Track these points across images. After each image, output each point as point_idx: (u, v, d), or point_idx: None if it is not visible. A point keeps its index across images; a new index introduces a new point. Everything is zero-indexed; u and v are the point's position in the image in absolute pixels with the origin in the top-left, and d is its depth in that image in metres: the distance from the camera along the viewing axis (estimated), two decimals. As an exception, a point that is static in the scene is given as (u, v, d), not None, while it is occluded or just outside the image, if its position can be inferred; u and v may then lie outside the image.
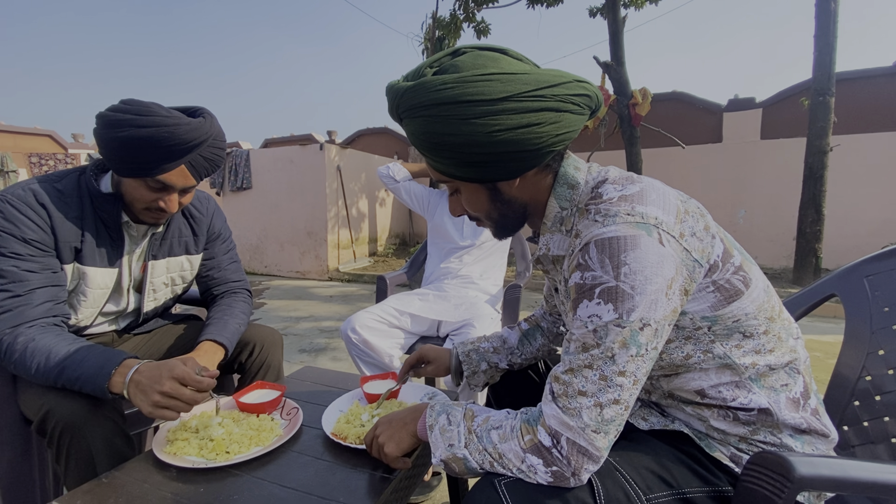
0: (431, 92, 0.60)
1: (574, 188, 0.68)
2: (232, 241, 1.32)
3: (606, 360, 0.56)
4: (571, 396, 0.57)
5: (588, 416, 0.56)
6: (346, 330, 1.52)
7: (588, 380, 0.57)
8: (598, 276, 0.57)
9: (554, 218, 0.70)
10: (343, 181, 6.72)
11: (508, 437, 0.61)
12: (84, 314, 1.04)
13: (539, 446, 0.58)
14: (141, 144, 0.88)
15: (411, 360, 1.01)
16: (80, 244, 0.98)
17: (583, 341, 0.58)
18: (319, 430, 0.91)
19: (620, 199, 0.60)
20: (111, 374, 0.82)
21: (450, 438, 0.65)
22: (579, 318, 0.58)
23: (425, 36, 6.84)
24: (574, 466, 0.56)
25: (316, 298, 5.10)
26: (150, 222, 1.03)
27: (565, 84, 0.62)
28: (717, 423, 0.65)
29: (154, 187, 0.95)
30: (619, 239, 0.56)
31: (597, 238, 0.58)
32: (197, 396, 0.82)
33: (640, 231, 0.56)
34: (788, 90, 6.52)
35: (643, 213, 0.58)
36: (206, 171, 1.00)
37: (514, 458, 0.59)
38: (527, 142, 0.61)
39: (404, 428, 0.74)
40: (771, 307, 0.65)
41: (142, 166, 0.91)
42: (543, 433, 0.58)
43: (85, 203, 0.99)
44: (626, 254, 0.55)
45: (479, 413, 0.67)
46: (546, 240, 0.72)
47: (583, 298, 0.58)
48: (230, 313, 1.19)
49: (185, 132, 0.90)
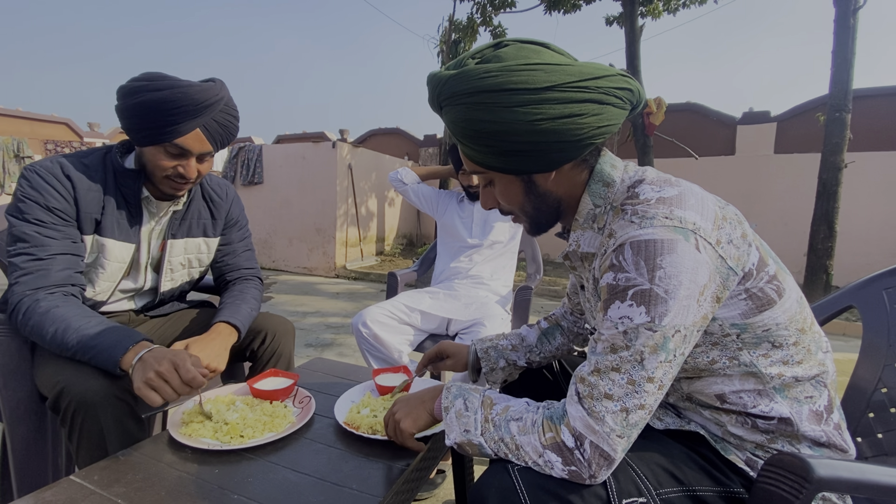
0: (475, 79, 0.60)
1: (609, 186, 0.67)
2: (248, 230, 1.34)
3: (635, 363, 0.56)
4: (597, 399, 0.57)
5: (613, 420, 0.56)
6: (357, 324, 1.53)
7: (615, 383, 0.56)
8: (633, 277, 0.56)
9: (587, 215, 0.69)
10: (354, 180, 6.76)
11: (528, 430, 0.61)
12: (101, 287, 1.06)
13: (561, 446, 0.58)
14: (157, 107, 0.93)
15: (430, 355, 1.02)
16: (100, 216, 1.01)
17: (612, 342, 0.57)
18: (331, 419, 0.92)
19: (658, 201, 0.59)
20: (127, 349, 0.84)
21: (465, 424, 0.65)
22: (609, 319, 0.58)
23: (441, 38, 6.88)
24: (594, 469, 0.56)
25: (322, 295, 5.12)
26: (171, 192, 1.05)
27: (609, 77, 0.62)
28: (735, 429, 0.65)
29: (172, 153, 0.99)
30: (657, 242, 0.55)
31: (633, 239, 0.57)
32: (183, 387, 0.83)
33: (678, 236, 0.55)
34: (804, 105, 6.49)
35: (682, 218, 0.57)
36: (220, 138, 1.03)
37: (532, 452, 0.59)
38: (568, 132, 0.60)
39: (422, 405, 0.75)
40: (803, 319, 0.64)
41: (159, 130, 0.95)
42: (567, 434, 0.58)
43: (108, 177, 1.03)
44: (663, 258, 0.55)
45: (497, 401, 0.67)
46: (577, 236, 0.71)
47: (615, 299, 0.57)
48: (242, 298, 1.20)
49: (196, 92, 0.95)
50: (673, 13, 5.73)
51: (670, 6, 5.65)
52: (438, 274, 1.87)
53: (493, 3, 5.83)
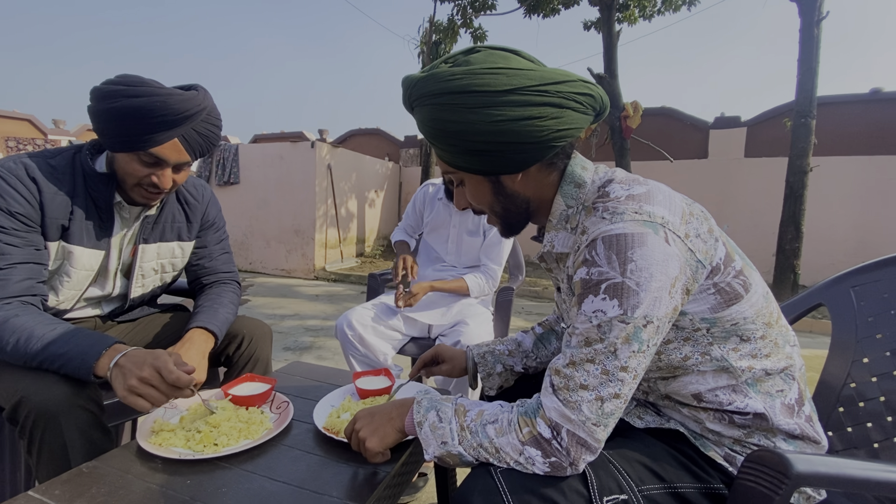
0: (441, 81, 0.63)
1: (581, 187, 0.69)
2: (225, 232, 1.30)
3: (609, 354, 0.57)
4: (573, 390, 0.58)
5: (589, 409, 0.57)
6: (342, 325, 1.50)
7: (590, 374, 0.58)
8: (605, 271, 0.57)
9: (559, 216, 0.71)
10: (333, 180, 6.68)
11: (506, 430, 0.61)
12: (65, 296, 1.01)
13: (538, 438, 0.58)
14: (133, 114, 0.87)
15: (426, 358, 1.00)
16: (67, 222, 0.95)
17: (586, 336, 0.58)
18: (310, 424, 0.90)
19: (628, 198, 0.61)
20: (101, 354, 0.80)
21: (442, 436, 0.65)
22: (584, 313, 0.59)
23: (422, 39, 6.86)
24: (573, 457, 0.57)
25: (301, 297, 5.04)
26: (142, 202, 1.01)
27: (569, 83, 0.64)
28: (713, 426, 0.66)
29: (147, 161, 0.93)
30: (627, 236, 0.57)
31: (604, 234, 0.58)
32: (172, 390, 0.80)
33: (647, 229, 0.57)
34: (772, 111, 6.73)
35: (650, 213, 0.59)
36: (200, 148, 0.98)
37: (512, 451, 0.59)
38: (528, 134, 0.62)
39: (389, 423, 0.73)
40: (769, 313, 0.66)
41: (134, 138, 0.90)
42: (543, 425, 0.59)
43: (77, 181, 0.97)
44: (633, 251, 0.56)
45: (470, 407, 0.67)
46: (551, 237, 0.73)
47: (588, 293, 0.58)
48: (220, 302, 1.16)
49: (177, 102, 0.90)
50: (648, 19, 5.88)
51: (646, 13, 5.80)
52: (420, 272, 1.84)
53: (474, 5, 5.87)
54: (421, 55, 6.83)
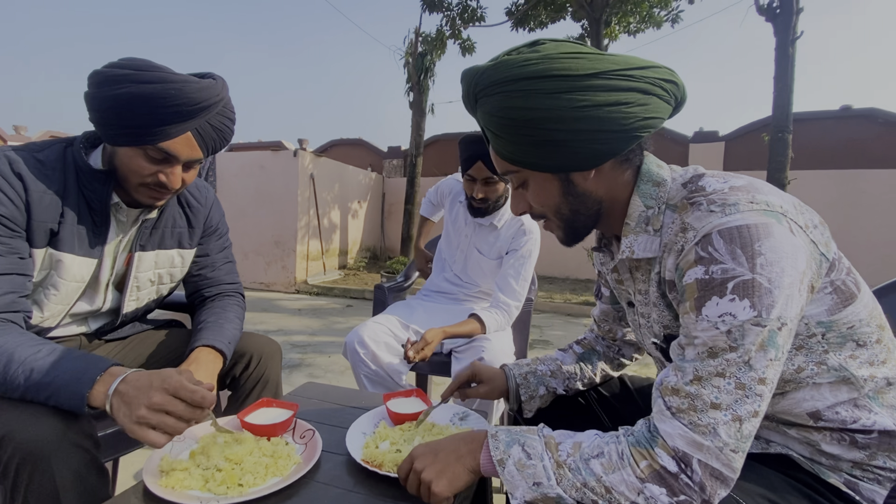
0: (515, 68, 0.58)
1: (660, 186, 0.64)
2: (228, 239, 1.17)
3: (742, 365, 0.50)
4: (702, 411, 0.50)
5: (726, 432, 0.49)
6: (352, 343, 1.37)
7: (721, 390, 0.50)
8: (730, 268, 0.50)
9: (638, 217, 0.64)
10: (316, 190, 6.51)
11: (617, 465, 0.52)
12: (50, 312, 0.87)
13: (661, 472, 0.50)
14: (143, 103, 0.76)
15: (461, 379, 0.90)
16: (57, 226, 0.82)
17: (711, 345, 0.51)
18: (343, 455, 0.78)
19: (733, 189, 0.56)
20: (94, 381, 0.66)
21: (534, 476, 0.55)
22: (706, 319, 0.52)
23: (407, 51, 6.84)
24: (708, 493, 0.49)
25: (284, 311, 4.83)
26: (147, 203, 0.88)
27: (654, 68, 0.59)
28: (830, 448, 0.59)
29: (154, 157, 0.82)
30: (750, 227, 0.51)
31: (720, 227, 0.52)
32: (192, 412, 0.67)
33: (770, 219, 0.52)
34: (749, 126, 6.97)
35: (767, 202, 0.53)
36: (213, 144, 0.87)
37: (629, 491, 0.51)
38: (613, 121, 0.57)
39: (458, 462, 0.62)
40: (879, 314, 0.61)
41: (142, 131, 0.78)
42: (665, 456, 0.51)
43: (69, 178, 0.84)
44: (761, 243, 0.50)
45: (561, 439, 0.58)
46: (629, 242, 0.65)
47: (711, 295, 0.51)
48: (225, 317, 1.04)
49: (194, 91, 0.79)
50: (633, 35, 6.03)
51: (630, 28, 5.96)
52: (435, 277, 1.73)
53: (463, 16, 5.89)
54: (406, 66, 6.80)
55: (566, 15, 5.68)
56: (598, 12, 5.45)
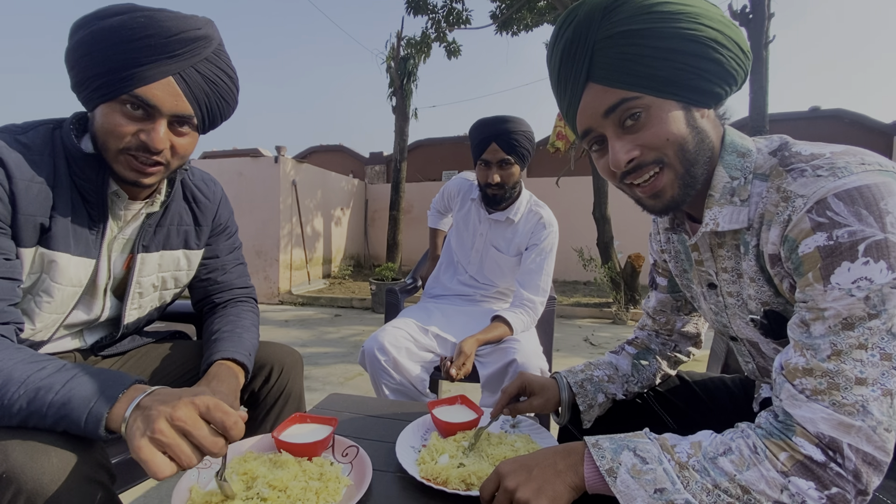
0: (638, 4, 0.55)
1: (745, 156, 0.61)
2: (238, 239, 1.06)
3: (885, 334, 0.46)
4: (846, 388, 0.46)
5: (878, 409, 0.45)
6: (371, 350, 1.27)
7: (865, 363, 0.46)
8: (858, 229, 0.47)
9: (723, 189, 0.61)
10: (298, 197, 6.34)
11: (751, 461, 0.47)
12: (43, 322, 0.75)
13: (807, 463, 0.45)
14: (111, 39, 0.65)
15: (511, 392, 0.81)
16: (48, 220, 0.70)
17: (846, 314, 0.47)
18: (395, 473, 0.70)
19: (835, 154, 0.53)
20: (116, 399, 0.55)
21: (655, 481, 0.48)
22: (837, 287, 0.47)
23: (389, 55, 6.77)
24: (865, 482, 0.44)
25: (270, 323, 4.64)
26: (131, 178, 0.73)
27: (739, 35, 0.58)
28: None
29: (132, 113, 0.69)
30: (871, 187, 0.48)
31: (837, 190, 0.49)
32: (214, 443, 0.54)
33: (888, 178, 0.48)
34: (724, 127, 7.19)
35: (878, 162, 0.51)
36: (206, 99, 0.74)
37: (770, 488, 0.45)
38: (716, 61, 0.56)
39: (558, 478, 0.54)
40: None
41: (114, 77, 0.66)
42: (809, 445, 0.46)
43: (59, 164, 0.72)
44: (886, 202, 0.47)
45: (675, 441, 0.52)
46: (714, 214, 0.61)
47: (841, 260, 0.47)
48: (241, 325, 0.93)
49: (167, 18, 0.67)
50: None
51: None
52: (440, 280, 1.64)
53: (448, 19, 5.87)
54: (388, 70, 6.72)
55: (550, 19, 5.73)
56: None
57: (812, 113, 6.68)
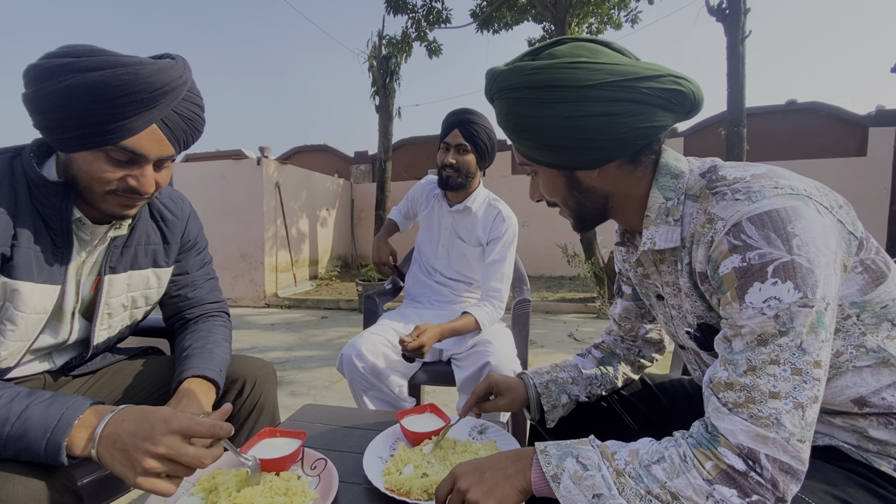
0: (521, 76, 0.61)
1: (678, 178, 0.65)
2: (208, 254, 1.07)
3: (795, 350, 0.49)
4: (761, 402, 0.49)
5: (790, 421, 0.48)
6: (349, 356, 1.29)
7: (778, 377, 0.49)
8: (767, 252, 0.50)
9: (658, 209, 0.65)
10: (282, 199, 6.30)
11: (681, 469, 0.50)
12: (8, 350, 0.75)
13: (730, 472, 0.48)
14: (93, 95, 0.65)
15: (479, 392, 0.84)
16: (9, 250, 0.71)
17: (760, 332, 0.50)
18: (362, 485, 0.72)
19: (753, 177, 0.56)
20: (71, 426, 0.57)
21: (593, 487, 0.52)
22: (750, 306, 0.50)
23: (370, 54, 6.74)
24: (782, 490, 0.47)
25: (255, 327, 4.62)
26: (118, 213, 0.76)
27: (657, 78, 0.59)
28: (878, 433, 0.58)
29: (119, 160, 0.70)
30: (780, 211, 0.51)
31: (750, 214, 0.52)
32: (210, 452, 0.60)
33: (797, 202, 0.52)
34: (706, 121, 7.30)
35: (790, 186, 0.54)
36: (184, 136, 0.76)
37: (696, 495, 0.48)
38: (606, 131, 0.60)
39: (507, 482, 0.57)
40: None
41: (98, 129, 0.67)
42: (731, 455, 0.48)
43: (20, 193, 0.72)
44: (793, 225, 0.50)
45: (616, 448, 0.55)
46: (651, 233, 0.65)
47: (753, 281, 0.50)
48: (212, 341, 0.94)
49: (151, 73, 0.67)
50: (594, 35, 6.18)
51: (591, 30, 6.11)
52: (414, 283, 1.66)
53: (429, 18, 5.86)
54: (371, 69, 6.69)
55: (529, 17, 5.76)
56: (562, 13, 5.55)
57: (789, 106, 6.82)
